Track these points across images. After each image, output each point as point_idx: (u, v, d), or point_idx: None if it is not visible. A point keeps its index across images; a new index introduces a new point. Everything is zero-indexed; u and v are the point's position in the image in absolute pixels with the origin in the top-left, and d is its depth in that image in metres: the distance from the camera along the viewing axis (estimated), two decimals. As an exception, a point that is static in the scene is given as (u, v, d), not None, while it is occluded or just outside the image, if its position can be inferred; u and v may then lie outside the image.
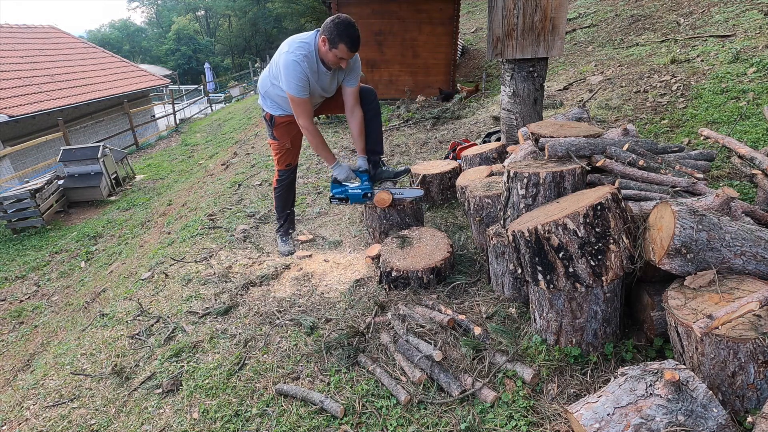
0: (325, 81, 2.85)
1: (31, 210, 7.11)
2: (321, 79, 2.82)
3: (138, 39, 49.69)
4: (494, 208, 2.75)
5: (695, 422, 1.30)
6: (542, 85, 3.71)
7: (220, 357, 2.35)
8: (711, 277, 1.66)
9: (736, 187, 2.99)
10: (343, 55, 2.66)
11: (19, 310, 4.88)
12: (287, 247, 3.50)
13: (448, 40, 9.42)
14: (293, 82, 2.68)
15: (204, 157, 10.60)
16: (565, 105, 5.97)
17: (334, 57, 2.68)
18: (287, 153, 3.27)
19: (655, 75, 5.64)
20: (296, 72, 2.67)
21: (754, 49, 5.13)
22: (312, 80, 2.76)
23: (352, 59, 2.82)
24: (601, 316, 1.92)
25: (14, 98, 10.63)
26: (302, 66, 2.67)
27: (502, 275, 2.42)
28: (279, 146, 3.21)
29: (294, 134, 3.19)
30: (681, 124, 4.30)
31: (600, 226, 1.76)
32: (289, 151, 3.26)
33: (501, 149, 3.72)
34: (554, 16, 3.39)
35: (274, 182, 3.40)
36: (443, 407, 1.85)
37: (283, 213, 3.51)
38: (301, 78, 2.68)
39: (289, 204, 3.53)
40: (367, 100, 3.13)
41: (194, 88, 26.08)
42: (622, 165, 2.33)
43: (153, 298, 3.15)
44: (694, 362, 1.56)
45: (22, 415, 2.29)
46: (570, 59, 8.04)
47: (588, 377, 1.88)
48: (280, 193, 3.42)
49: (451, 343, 2.13)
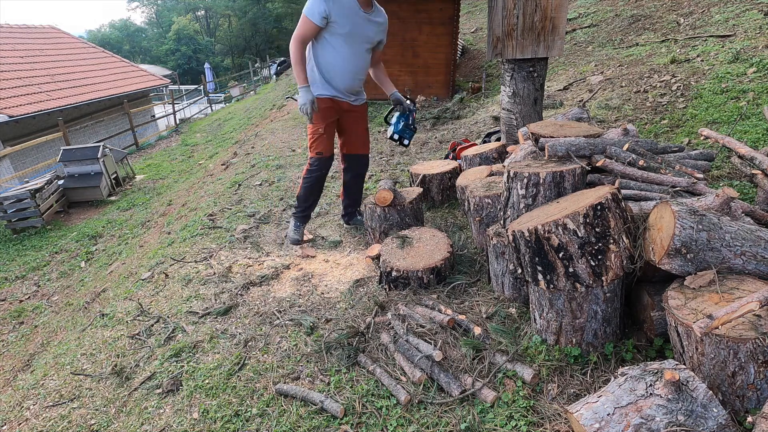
0: (361, 24, 2.88)
1: (31, 210, 7.12)
2: (356, 21, 2.84)
3: (138, 39, 49.67)
4: (494, 208, 2.75)
5: (695, 422, 1.30)
6: (542, 85, 3.71)
7: (220, 357, 2.35)
8: (711, 277, 1.66)
9: (736, 187, 2.99)
10: None
11: (19, 310, 4.88)
12: (297, 234, 3.44)
13: (448, 40, 9.41)
14: (310, 1, 2.76)
15: (204, 157, 10.60)
16: (565, 105, 5.97)
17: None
18: (320, 139, 3.13)
19: (655, 75, 5.64)
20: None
21: (754, 49, 5.13)
22: (339, 13, 2.77)
23: (384, 20, 3.04)
24: (601, 316, 1.92)
25: (14, 98, 10.63)
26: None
27: (502, 275, 2.42)
28: (313, 130, 3.11)
29: (330, 121, 3.13)
30: (681, 124, 4.30)
31: (600, 226, 1.76)
32: (321, 138, 3.13)
33: (501, 149, 3.72)
34: (554, 16, 3.39)
35: (304, 171, 3.27)
36: (443, 407, 1.85)
37: (304, 204, 3.39)
38: (319, 2, 2.71)
39: (311, 200, 3.40)
40: (358, 164, 3.41)
41: (194, 88, 26.10)
42: (622, 165, 2.33)
43: (153, 298, 3.15)
44: (694, 362, 1.56)
45: (22, 415, 2.29)
46: (570, 59, 8.04)
47: (588, 377, 1.88)
48: (308, 185, 3.27)
49: (451, 343, 2.13)
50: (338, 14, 2.78)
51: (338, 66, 2.98)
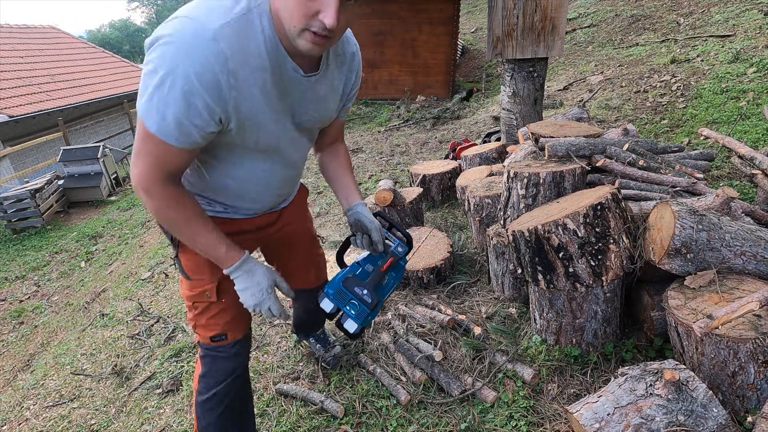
0: (301, 104, 1.18)
1: (31, 210, 7.11)
2: (287, 91, 1.11)
3: (138, 39, 49.66)
4: (494, 208, 2.75)
5: (695, 422, 1.30)
6: (542, 85, 3.71)
7: (220, 357, 2.34)
8: (711, 277, 1.66)
9: (736, 187, 2.99)
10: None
11: (19, 310, 4.88)
12: None
13: (448, 40, 9.42)
14: (161, 94, 0.95)
15: (204, 157, 10.58)
16: (565, 105, 5.97)
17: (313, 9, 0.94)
18: (210, 309, 1.39)
19: (655, 75, 5.64)
20: (181, 69, 0.93)
21: (754, 49, 5.13)
22: (249, 107, 1.06)
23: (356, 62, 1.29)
24: (601, 316, 1.92)
25: (14, 98, 10.63)
26: (214, 50, 0.94)
27: (502, 275, 2.42)
28: (195, 290, 1.37)
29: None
30: (681, 124, 4.30)
31: (600, 226, 1.76)
32: (213, 306, 1.38)
33: (501, 149, 3.72)
34: (554, 16, 3.39)
35: (195, 385, 1.45)
36: (443, 407, 1.85)
37: None
38: (191, 89, 0.95)
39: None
40: (310, 299, 1.60)
41: (194, 88, 26.05)
42: (622, 165, 2.33)
43: (153, 298, 3.15)
44: (694, 362, 1.56)
45: (22, 415, 2.29)
46: (570, 59, 8.04)
47: (588, 377, 1.88)
48: (212, 420, 1.43)
49: (451, 343, 2.13)
50: (248, 110, 1.06)
51: (249, 189, 1.33)
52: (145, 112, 0.98)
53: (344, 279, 1.33)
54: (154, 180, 1.06)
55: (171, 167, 1.07)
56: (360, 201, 1.46)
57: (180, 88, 0.94)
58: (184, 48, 0.93)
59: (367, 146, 6.51)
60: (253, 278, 1.22)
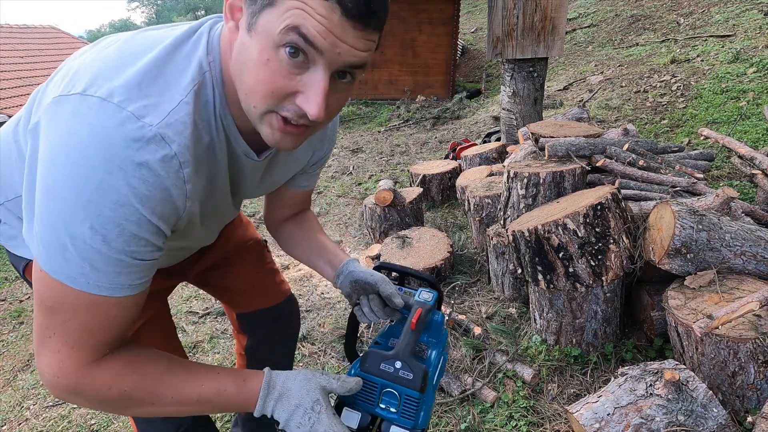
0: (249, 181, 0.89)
1: (31, 210, 7.12)
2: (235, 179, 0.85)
3: (138, 39, 49.65)
4: (494, 208, 2.75)
5: (695, 422, 1.30)
6: (542, 85, 3.71)
7: (220, 357, 2.34)
8: (711, 277, 1.66)
9: (736, 187, 2.99)
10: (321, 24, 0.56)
11: (19, 310, 4.87)
12: None
13: (448, 40, 9.42)
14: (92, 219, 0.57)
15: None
16: (565, 105, 5.97)
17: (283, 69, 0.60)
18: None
19: (655, 75, 5.64)
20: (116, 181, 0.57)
21: (754, 49, 5.13)
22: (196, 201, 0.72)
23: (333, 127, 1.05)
24: (601, 316, 1.92)
25: (14, 98, 10.63)
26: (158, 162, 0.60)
27: (502, 275, 2.42)
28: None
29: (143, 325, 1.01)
30: (681, 124, 4.30)
31: (600, 226, 1.76)
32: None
33: (501, 149, 3.72)
34: (554, 16, 3.40)
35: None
36: (443, 407, 1.85)
37: None
38: (126, 211, 0.58)
39: None
40: (274, 323, 1.41)
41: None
42: (622, 165, 2.33)
43: (153, 298, 3.15)
44: (694, 362, 1.56)
45: (22, 415, 2.29)
46: (570, 59, 8.04)
47: (588, 377, 1.88)
48: None
49: (451, 343, 2.13)
50: (192, 213, 0.73)
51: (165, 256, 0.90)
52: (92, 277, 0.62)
53: (361, 362, 0.84)
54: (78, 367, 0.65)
55: (110, 331, 0.67)
56: (349, 258, 1.09)
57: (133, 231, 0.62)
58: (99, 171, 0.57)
59: (367, 146, 6.51)
60: (290, 401, 0.76)
